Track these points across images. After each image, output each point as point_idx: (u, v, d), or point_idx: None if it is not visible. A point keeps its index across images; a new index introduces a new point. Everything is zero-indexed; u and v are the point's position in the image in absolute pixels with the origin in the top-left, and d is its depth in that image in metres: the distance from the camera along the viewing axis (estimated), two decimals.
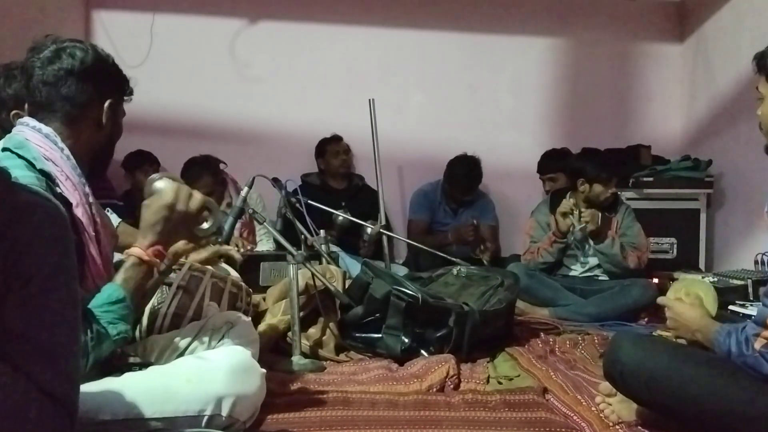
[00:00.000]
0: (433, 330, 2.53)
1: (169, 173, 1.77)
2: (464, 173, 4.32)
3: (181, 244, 1.76)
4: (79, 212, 1.46)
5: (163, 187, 1.61)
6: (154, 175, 1.70)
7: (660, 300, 1.93)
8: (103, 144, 1.63)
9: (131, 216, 2.23)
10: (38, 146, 1.48)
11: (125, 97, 1.68)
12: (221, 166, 3.85)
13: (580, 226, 3.54)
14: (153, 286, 1.81)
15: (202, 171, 3.75)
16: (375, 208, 4.06)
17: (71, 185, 1.48)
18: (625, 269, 3.59)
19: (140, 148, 4.12)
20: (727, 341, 1.58)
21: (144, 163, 4.17)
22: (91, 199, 1.55)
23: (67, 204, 1.42)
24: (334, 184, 4.40)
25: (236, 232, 3.83)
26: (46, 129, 1.51)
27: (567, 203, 3.54)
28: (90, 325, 1.37)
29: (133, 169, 4.17)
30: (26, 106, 1.59)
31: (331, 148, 4.39)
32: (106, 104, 1.58)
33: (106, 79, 1.59)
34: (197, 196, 1.61)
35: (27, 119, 1.54)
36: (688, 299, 1.88)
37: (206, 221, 1.66)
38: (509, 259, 4.13)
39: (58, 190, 1.44)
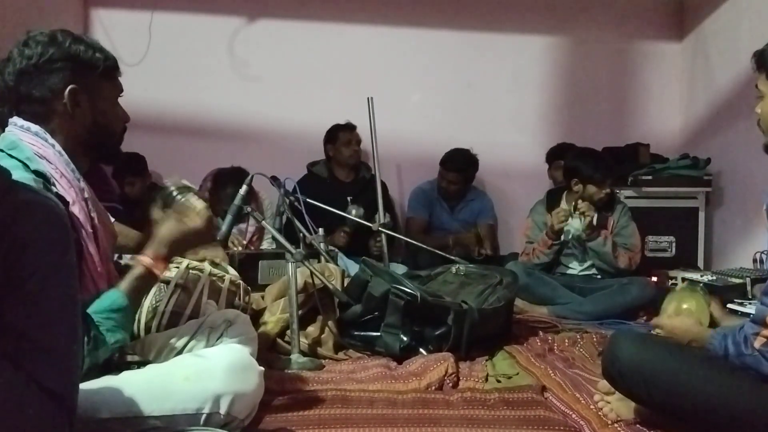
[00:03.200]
0: (432, 328, 2.53)
1: (189, 185, 1.77)
2: (457, 160, 4.33)
3: None
4: (75, 210, 1.46)
5: (197, 208, 1.63)
6: (172, 187, 1.70)
7: (653, 322, 1.93)
8: (88, 132, 1.57)
9: (131, 219, 2.22)
10: (31, 144, 1.47)
11: (111, 74, 1.61)
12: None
13: (576, 226, 3.53)
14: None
15: (229, 182, 3.75)
16: (384, 201, 3.92)
17: (66, 182, 1.47)
18: (615, 268, 3.60)
19: (138, 145, 4.07)
20: (723, 344, 1.58)
21: (138, 169, 4.12)
22: (86, 195, 1.54)
23: (64, 202, 1.40)
24: (341, 176, 4.30)
25: (247, 236, 3.83)
26: (35, 127, 1.50)
27: (563, 211, 3.54)
28: (88, 329, 1.36)
29: (123, 178, 4.10)
30: None
31: (343, 135, 4.24)
32: (66, 92, 1.52)
33: (63, 67, 1.51)
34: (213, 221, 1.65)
35: (15, 119, 1.52)
36: (682, 313, 1.87)
37: None
38: (508, 258, 4.14)
39: (55, 190, 1.42)
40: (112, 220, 2.05)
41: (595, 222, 3.56)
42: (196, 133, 4.49)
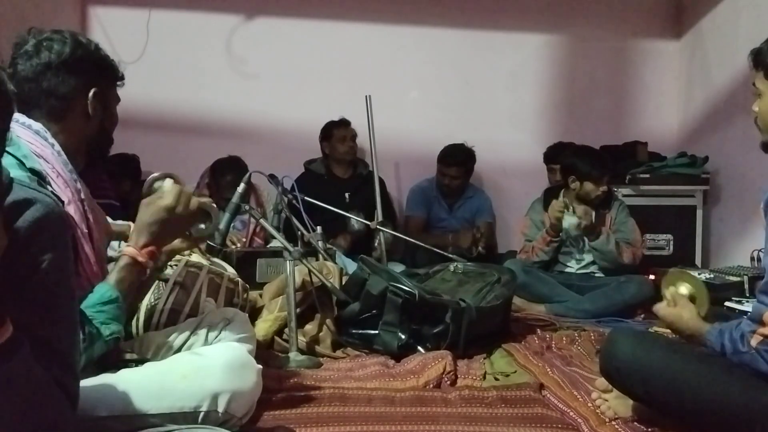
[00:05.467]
0: (430, 326, 2.53)
1: (171, 173, 1.76)
2: (456, 154, 4.34)
3: (177, 242, 1.75)
4: (71, 209, 1.45)
5: (165, 188, 1.61)
6: (155, 174, 1.70)
7: (654, 309, 1.92)
8: (96, 134, 1.61)
9: (126, 218, 2.23)
10: (29, 143, 1.46)
11: (118, 83, 1.66)
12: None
13: (573, 223, 3.53)
14: (148, 282, 1.80)
15: (228, 170, 3.74)
16: (381, 199, 3.94)
17: (63, 182, 1.47)
18: (619, 265, 3.59)
19: (136, 142, 4.05)
20: (719, 340, 1.58)
21: (128, 170, 4.09)
22: (83, 195, 1.53)
23: (59, 202, 1.41)
24: (338, 173, 4.32)
25: (250, 227, 3.82)
26: (36, 125, 1.50)
27: (559, 203, 3.54)
28: (83, 326, 1.36)
29: (120, 177, 4.03)
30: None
31: (338, 132, 4.28)
32: (91, 93, 1.56)
33: (89, 68, 1.56)
34: (195, 200, 1.61)
35: (17, 116, 1.52)
36: (681, 300, 1.86)
37: (203, 223, 1.67)
38: (506, 256, 4.13)
39: (50, 189, 1.42)
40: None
41: (593, 220, 3.57)
42: (194, 131, 4.49)
